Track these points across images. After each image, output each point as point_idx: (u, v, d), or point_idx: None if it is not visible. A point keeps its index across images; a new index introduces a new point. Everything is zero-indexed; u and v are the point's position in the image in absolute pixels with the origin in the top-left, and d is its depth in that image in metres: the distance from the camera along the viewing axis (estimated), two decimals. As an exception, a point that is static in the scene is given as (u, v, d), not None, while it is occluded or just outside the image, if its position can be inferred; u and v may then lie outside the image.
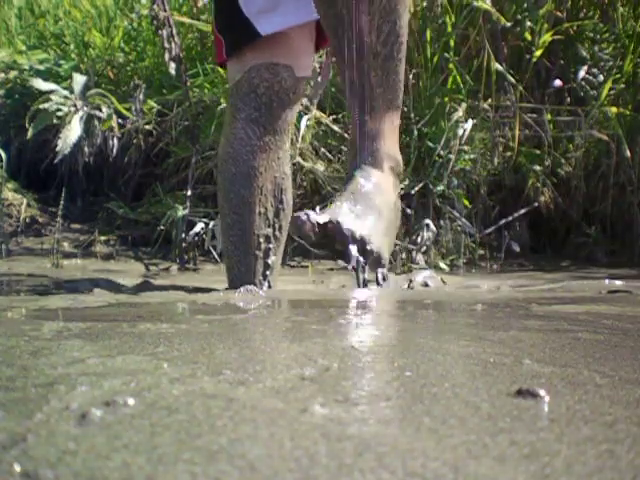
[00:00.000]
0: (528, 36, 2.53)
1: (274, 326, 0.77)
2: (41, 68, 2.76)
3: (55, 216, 2.35)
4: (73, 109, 2.40)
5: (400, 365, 0.55)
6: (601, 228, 2.61)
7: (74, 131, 2.35)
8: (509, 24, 2.52)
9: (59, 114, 2.38)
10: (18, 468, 0.30)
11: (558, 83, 2.55)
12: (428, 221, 2.28)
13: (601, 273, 2.04)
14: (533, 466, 0.32)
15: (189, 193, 2.38)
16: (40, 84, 2.48)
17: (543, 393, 0.44)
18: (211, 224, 2.26)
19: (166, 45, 2.41)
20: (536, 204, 2.58)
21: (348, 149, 1.83)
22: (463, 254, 2.33)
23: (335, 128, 2.46)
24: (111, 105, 2.47)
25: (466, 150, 2.45)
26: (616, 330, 0.77)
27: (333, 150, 2.49)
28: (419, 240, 2.28)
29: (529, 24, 2.51)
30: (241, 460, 0.32)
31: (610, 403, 0.44)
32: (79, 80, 2.46)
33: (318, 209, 1.22)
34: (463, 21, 2.51)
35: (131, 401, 0.41)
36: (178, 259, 2.26)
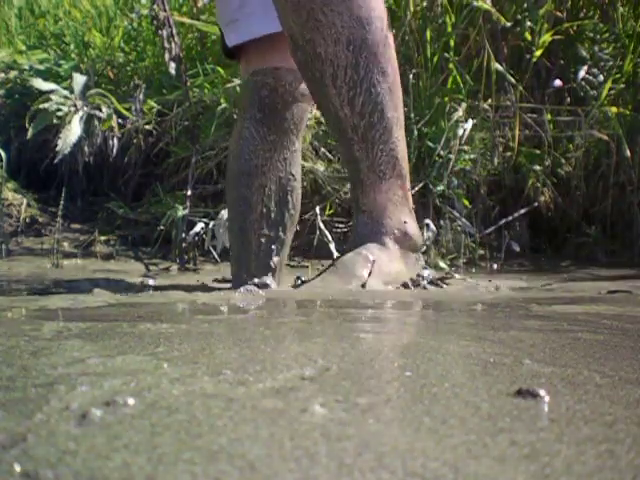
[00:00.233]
0: (528, 36, 2.53)
1: (274, 326, 0.77)
2: (41, 68, 2.76)
3: (55, 216, 2.35)
4: (73, 109, 2.40)
5: (400, 365, 0.55)
6: (601, 228, 2.61)
7: (74, 131, 2.35)
8: (509, 24, 2.52)
9: (59, 114, 2.38)
10: (18, 468, 0.30)
11: (558, 83, 2.55)
12: (428, 221, 2.28)
13: (601, 273, 2.04)
14: (533, 466, 0.32)
15: (189, 193, 2.38)
16: (40, 84, 2.49)
17: (543, 393, 0.44)
18: (211, 224, 2.26)
19: (166, 45, 2.41)
20: (536, 204, 2.58)
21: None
22: (463, 254, 2.33)
23: (335, 128, 2.46)
24: (111, 105, 2.47)
25: (466, 150, 2.45)
26: (616, 330, 0.77)
27: (333, 150, 2.49)
28: (419, 240, 2.28)
29: (529, 24, 2.51)
30: (241, 460, 0.32)
31: (610, 403, 0.44)
32: (79, 80, 2.46)
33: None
34: (463, 21, 2.51)
35: (131, 401, 0.41)
36: (178, 259, 2.26)
